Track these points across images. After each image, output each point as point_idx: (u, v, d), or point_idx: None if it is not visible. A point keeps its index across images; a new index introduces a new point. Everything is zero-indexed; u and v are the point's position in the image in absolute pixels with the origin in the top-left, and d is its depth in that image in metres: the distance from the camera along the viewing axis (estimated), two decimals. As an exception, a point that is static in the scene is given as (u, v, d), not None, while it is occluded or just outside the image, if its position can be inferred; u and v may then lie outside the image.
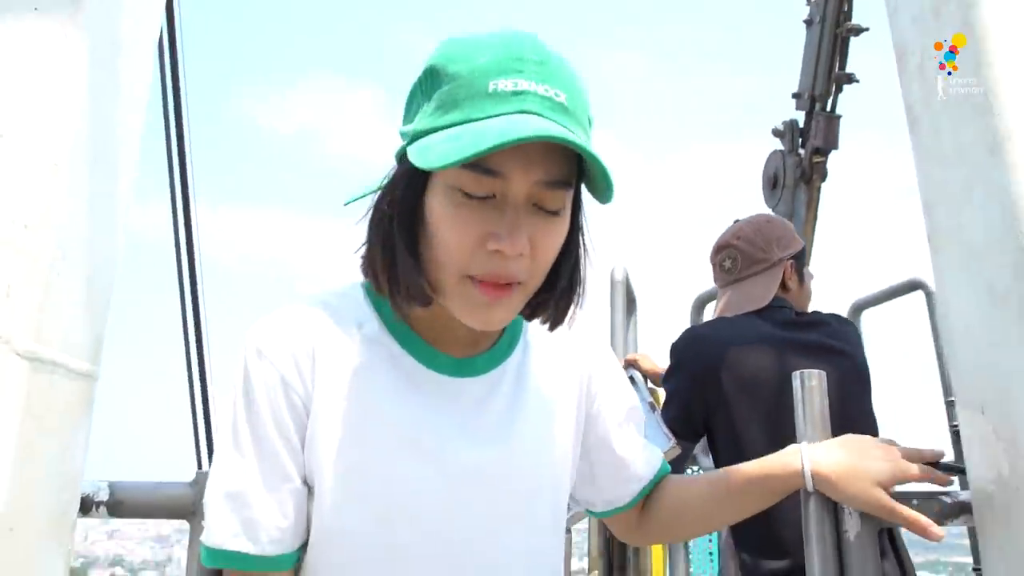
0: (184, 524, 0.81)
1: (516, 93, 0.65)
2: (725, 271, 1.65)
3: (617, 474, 0.88)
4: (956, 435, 2.51)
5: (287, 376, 0.70)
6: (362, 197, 0.76)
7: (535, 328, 0.83)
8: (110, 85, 0.77)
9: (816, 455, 0.83)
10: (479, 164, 0.64)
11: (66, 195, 0.69)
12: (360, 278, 0.78)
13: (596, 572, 2.35)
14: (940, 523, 0.82)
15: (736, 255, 1.63)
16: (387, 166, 0.74)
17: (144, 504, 0.81)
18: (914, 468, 0.82)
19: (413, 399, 0.73)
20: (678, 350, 1.57)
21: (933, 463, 0.83)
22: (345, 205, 0.76)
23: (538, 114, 0.65)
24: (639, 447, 0.90)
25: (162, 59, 2.39)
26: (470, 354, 0.78)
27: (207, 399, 2.32)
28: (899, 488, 0.81)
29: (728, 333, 1.53)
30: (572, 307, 0.78)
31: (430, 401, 0.74)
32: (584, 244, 0.76)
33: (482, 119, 0.64)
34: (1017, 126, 0.72)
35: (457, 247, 0.67)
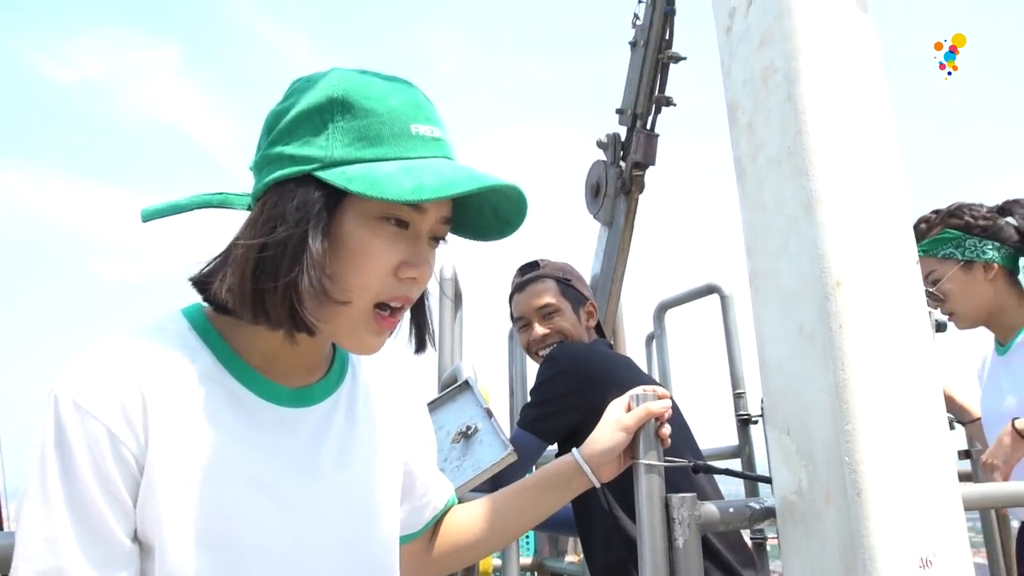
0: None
1: (435, 139, 0.74)
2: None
3: (417, 502, 0.95)
4: (743, 423, 2.84)
5: (115, 430, 0.65)
6: (174, 213, 0.73)
7: (358, 357, 0.89)
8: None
9: (585, 451, 1.00)
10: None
11: None
12: (175, 308, 0.76)
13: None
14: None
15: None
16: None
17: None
18: (629, 419, 0.99)
19: (254, 436, 0.72)
20: (561, 359, 1.65)
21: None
22: (144, 221, 0.73)
23: (451, 159, 0.74)
24: (437, 479, 0.99)
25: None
26: (305, 383, 0.79)
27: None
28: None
29: (604, 353, 1.71)
30: (430, 325, 0.85)
31: (270, 436, 0.74)
32: None
33: (416, 158, 0.71)
34: (827, 190, 0.83)
35: (375, 273, 0.71)
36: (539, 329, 1.82)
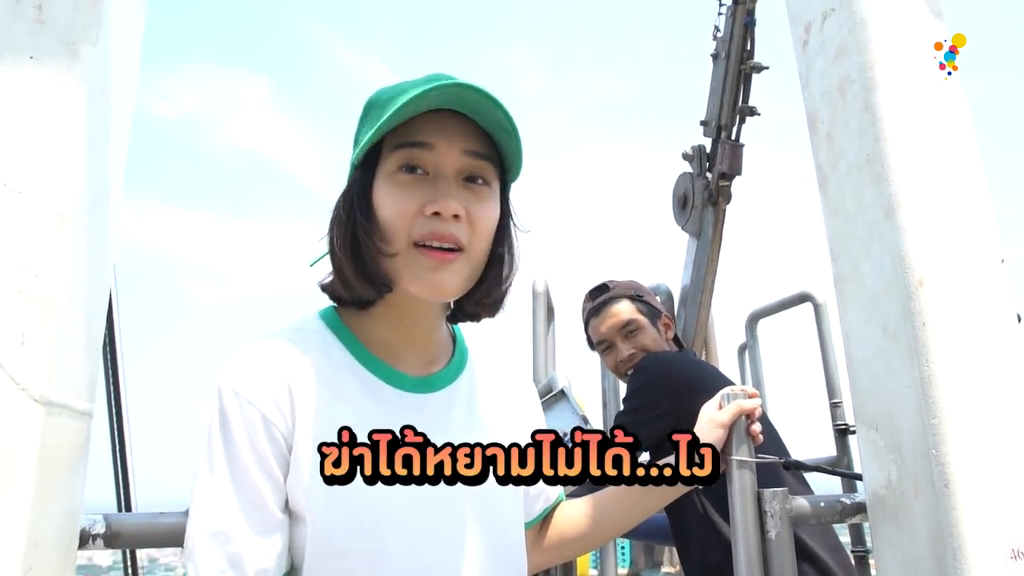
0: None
1: (431, 81, 0.79)
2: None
3: (532, 491, 1.01)
4: (840, 432, 2.76)
5: (268, 414, 0.76)
6: (324, 256, 0.86)
7: (477, 350, 0.96)
8: (101, 134, 0.80)
9: None
10: (411, 140, 0.79)
11: (72, 244, 0.72)
12: (314, 311, 0.87)
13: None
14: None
15: None
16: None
17: (142, 535, 0.84)
18: (724, 415, 1.04)
19: (384, 417, 0.81)
20: (651, 368, 1.71)
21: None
22: (311, 266, 0.86)
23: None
24: None
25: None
26: (428, 372, 0.88)
27: (122, 422, 2.24)
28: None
29: (691, 360, 1.76)
30: (509, 286, 0.90)
31: (398, 417, 0.82)
32: (515, 225, 0.89)
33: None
34: (906, 194, 0.86)
35: (400, 217, 0.79)
36: (624, 349, 1.85)
